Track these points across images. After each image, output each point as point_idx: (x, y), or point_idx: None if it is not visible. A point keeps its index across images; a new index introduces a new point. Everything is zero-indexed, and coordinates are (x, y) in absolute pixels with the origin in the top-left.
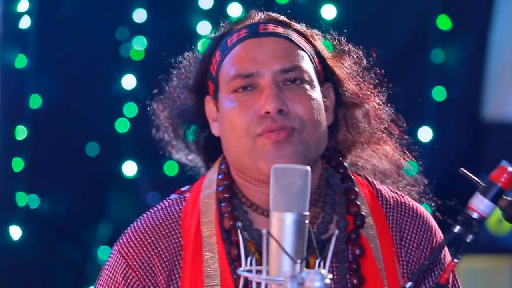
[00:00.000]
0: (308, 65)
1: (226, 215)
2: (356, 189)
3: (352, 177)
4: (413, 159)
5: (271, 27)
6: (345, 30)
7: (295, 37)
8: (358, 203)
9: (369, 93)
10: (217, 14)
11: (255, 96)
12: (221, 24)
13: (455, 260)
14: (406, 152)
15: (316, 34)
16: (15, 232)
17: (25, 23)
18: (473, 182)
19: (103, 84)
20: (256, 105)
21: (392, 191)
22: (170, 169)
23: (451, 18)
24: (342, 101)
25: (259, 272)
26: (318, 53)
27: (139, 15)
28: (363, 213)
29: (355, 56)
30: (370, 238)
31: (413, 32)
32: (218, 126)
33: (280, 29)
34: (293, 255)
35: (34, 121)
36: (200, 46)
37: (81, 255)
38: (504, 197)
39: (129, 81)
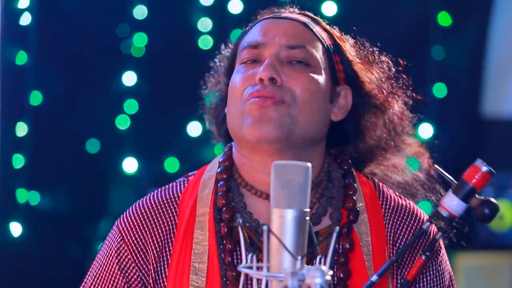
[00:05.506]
0: (319, 53)
1: (220, 193)
2: (356, 185)
3: (354, 174)
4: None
5: (294, 15)
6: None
7: (316, 28)
8: (355, 198)
9: (392, 100)
10: (217, 11)
11: (258, 68)
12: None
13: (423, 257)
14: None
15: (346, 39)
16: (16, 229)
17: (25, 19)
18: (447, 180)
19: (103, 80)
20: (255, 74)
21: (396, 194)
22: (171, 165)
23: (452, 15)
24: (364, 105)
25: (259, 268)
26: (342, 54)
27: (140, 12)
28: (358, 209)
29: (384, 66)
30: (361, 234)
31: (414, 29)
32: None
33: (302, 17)
34: (293, 251)
35: (35, 117)
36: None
37: (82, 251)
38: (476, 196)
39: (129, 78)
